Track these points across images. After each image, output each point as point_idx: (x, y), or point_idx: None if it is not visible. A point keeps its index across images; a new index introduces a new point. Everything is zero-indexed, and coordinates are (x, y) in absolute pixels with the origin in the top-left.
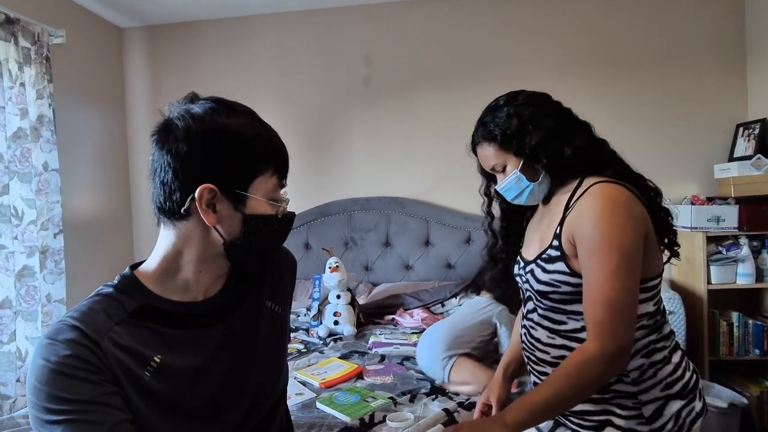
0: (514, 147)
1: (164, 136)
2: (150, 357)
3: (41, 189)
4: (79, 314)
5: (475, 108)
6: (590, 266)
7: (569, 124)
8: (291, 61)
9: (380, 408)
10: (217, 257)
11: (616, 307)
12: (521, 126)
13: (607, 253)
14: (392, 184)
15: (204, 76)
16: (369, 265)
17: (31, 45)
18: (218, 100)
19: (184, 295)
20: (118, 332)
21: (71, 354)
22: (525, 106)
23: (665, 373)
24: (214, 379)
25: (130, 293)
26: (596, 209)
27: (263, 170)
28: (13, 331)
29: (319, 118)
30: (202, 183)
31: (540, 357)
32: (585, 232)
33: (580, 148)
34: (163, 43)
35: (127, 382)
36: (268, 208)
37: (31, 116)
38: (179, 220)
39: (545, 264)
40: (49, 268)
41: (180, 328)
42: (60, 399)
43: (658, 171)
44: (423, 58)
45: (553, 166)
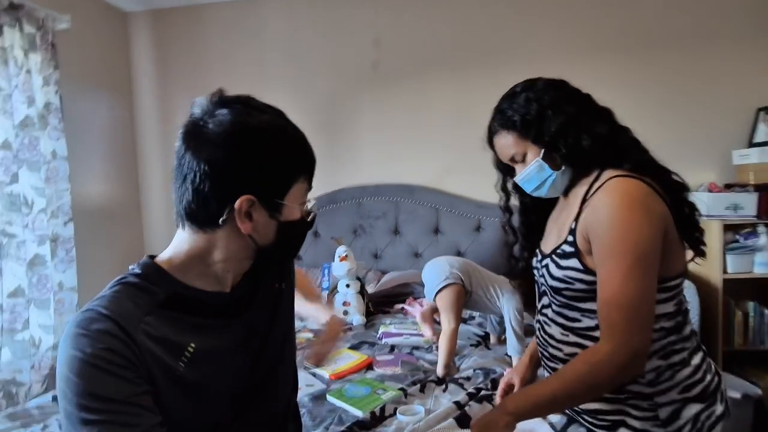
0: (533, 134)
1: (198, 141)
2: (185, 345)
3: (50, 177)
4: (107, 303)
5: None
6: (604, 265)
7: (590, 110)
8: (299, 45)
9: (391, 400)
10: (246, 259)
11: (631, 309)
12: (541, 111)
13: (621, 253)
14: (402, 171)
15: (211, 61)
16: (378, 252)
17: (36, 31)
18: (248, 101)
19: (212, 286)
20: (149, 323)
21: (106, 347)
22: (544, 92)
23: (683, 376)
24: (244, 363)
25: (157, 282)
26: (611, 206)
27: (298, 177)
28: (27, 319)
29: (328, 104)
30: (241, 193)
31: (553, 353)
32: (599, 231)
33: (601, 137)
34: (169, 27)
35: (160, 376)
36: (299, 213)
37: (38, 104)
38: (210, 228)
39: (559, 259)
40: (60, 256)
41: (209, 317)
42: (95, 397)
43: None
44: (433, 41)
45: (573, 156)
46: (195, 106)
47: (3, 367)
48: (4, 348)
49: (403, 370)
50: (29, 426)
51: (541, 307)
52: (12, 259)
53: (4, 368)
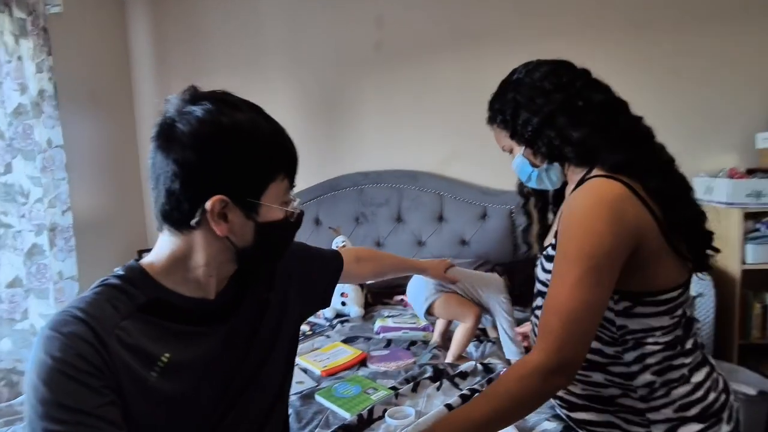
0: (510, 131)
1: (168, 141)
2: (157, 355)
3: (46, 166)
4: (85, 305)
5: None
6: (555, 270)
7: (573, 105)
8: (298, 27)
9: (380, 401)
10: (227, 262)
11: (570, 319)
12: (516, 110)
13: (573, 260)
14: (405, 156)
15: (210, 44)
16: (380, 240)
17: (26, 16)
18: (221, 98)
19: (195, 292)
20: (125, 328)
21: (75, 353)
22: (526, 86)
23: (680, 393)
24: (219, 376)
25: (139, 285)
26: (577, 209)
27: (275, 176)
28: (26, 309)
29: (328, 87)
30: (212, 193)
31: None
32: (561, 234)
33: (574, 140)
34: (167, 10)
35: (130, 386)
36: (280, 213)
37: (31, 91)
38: (187, 229)
39: (545, 261)
40: (59, 245)
41: (188, 323)
42: (59, 406)
43: (691, 140)
44: (439, 20)
45: (550, 155)
46: (168, 103)
47: (3, 357)
48: (4, 338)
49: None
50: (13, 424)
51: (534, 307)
52: (8, 249)
53: (5, 358)
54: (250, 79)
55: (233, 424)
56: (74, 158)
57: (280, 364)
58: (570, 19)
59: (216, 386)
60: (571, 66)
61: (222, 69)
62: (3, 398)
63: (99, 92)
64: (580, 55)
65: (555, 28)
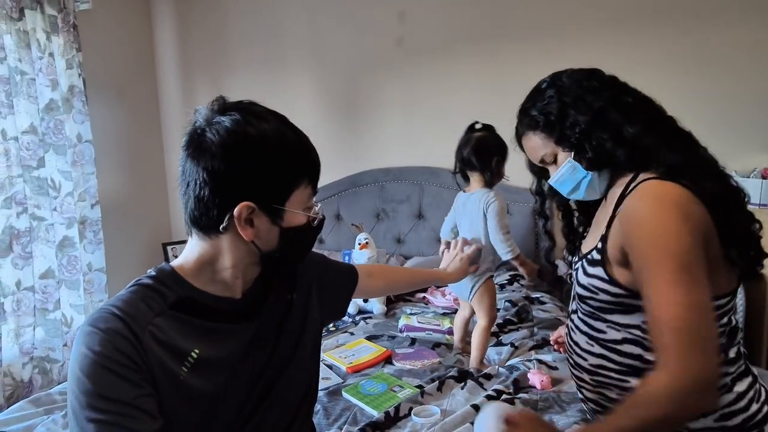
0: (557, 135)
1: (198, 150)
2: (188, 351)
3: (76, 161)
4: (121, 303)
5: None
6: (645, 281)
7: (621, 105)
8: (320, 22)
9: (407, 399)
10: (252, 264)
11: (682, 327)
12: (563, 111)
13: (660, 264)
14: (427, 152)
15: (233, 39)
16: (401, 237)
17: (57, 13)
18: (248, 109)
19: (223, 291)
20: (157, 325)
21: (113, 347)
22: (568, 88)
23: (722, 403)
24: (247, 373)
25: (170, 285)
26: (643, 213)
27: (299, 183)
28: (58, 299)
29: (350, 83)
30: (240, 200)
31: (577, 361)
32: (634, 240)
33: (627, 137)
34: (190, 6)
35: (163, 380)
36: (303, 218)
37: (62, 87)
38: (215, 234)
39: (588, 266)
40: (88, 238)
41: (217, 321)
42: (100, 396)
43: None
44: (462, 14)
45: (600, 158)
46: (197, 113)
47: (37, 345)
48: (37, 327)
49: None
50: (52, 413)
51: (571, 312)
52: (42, 241)
53: (39, 346)
54: (273, 75)
55: (262, 421)
56: (101, 152)
57: (306, 362)
58: (595, 14)
59: (244, 383)
60: (600, 71)
61: (244, 65)
62: (37, 384)
63: (125, 88)
64: (598, 50)
65: (578, 23)
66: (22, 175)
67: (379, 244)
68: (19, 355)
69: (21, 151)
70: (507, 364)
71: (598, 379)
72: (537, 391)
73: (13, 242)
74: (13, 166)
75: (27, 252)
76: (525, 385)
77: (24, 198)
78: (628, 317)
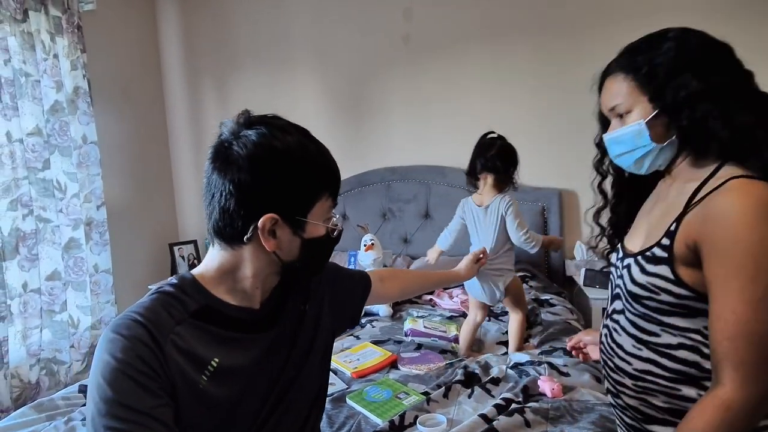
0: (653, 89)
1: (225, 162)
2: (208, 360)
3: (82, 162)
4: (143, 310)
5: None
6: (726, 289)
7: (742, 91)
8: (325, 20)
9: (412, 407)
10: (273, 275)
11: (764, 343)
12: (679, 68)
13: (750, 275)
14: (433, 151)
15: (238, 39)
16: (408, 237)
17: (61, 14)
18: (273, 123)
19: (242, 301)
20: (179, 333)
21: (135, 354)
22: (694, 47)
23: None
24: (263, 382)
25: (191, 293)
26: (737, 215)
27: (321, 195)
28: (64, 301)
29: (356, 81)
30: (265, 211)
31: (618, 365)
32: (719, 245)
33: (738, 125)
34: (196, 6)
35: (183, 388)
36: (323, 230)
37: (66, 88)
38: (237, 245)
39: (646, 264)
40: (94, 239)
41: (236, 330)
42: (120, 404)
43: None
44: (468, 12)
45: (693, 135)
46: (223, 126)
47: (44, 347)
48: (44, 329)
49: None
50: (54, 419)
51: (612, 312)
52: (48, 243)
53: (46, 348)
54: (278, 75)
55: (276, 427)
56: (107, 154)
57: (316, 370)
58: (602, 12)
59: (260, 392)
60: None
61: (250, 65)
62: (44, 386)
63: (130, 89)
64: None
65: (586, 21)
66: (27, 177)
67: (386, 244)
68: (26, 357)
69: (26, 153)
70: (514, 363)
71: (643, 385)
72: (548, 399)
73: (20, 244)
74: (19, 168)
75: (33, 254)
76: (535, 393)
77: (30, 200)
78: (689, 321)
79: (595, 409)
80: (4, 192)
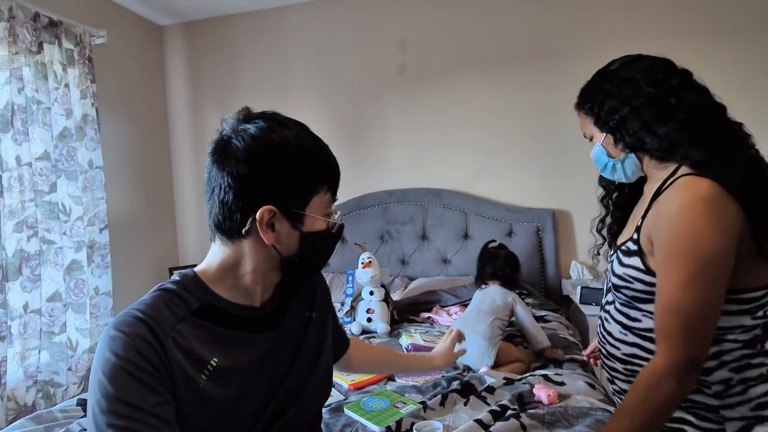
0: (594, 119)
1: (224, 155)
2: (207, 359)
3: (87, 186)
4: (145, 307)
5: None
6: (664, 272)
7: (666, 101)
8: (325, 51)
9: (409, 414)
10: (273, 270)
11: (689, 320)
12: (604, 98)
13: (683, 259)
14: (429, 175)
15: (241, 69)
16: (405, 258)
17: (74, 46)
18: (272, 117)
19: (243, 299)
20: (180, 331)
21: (137, 352)
22: (617, 77)
23: (758, 393)
24: (261, 383)
25: (193, 291)
26: (676, 207)
27: (319, 188)
28: (64, 322)
29: (354, 108)
30: (262, 203)
31: (610, 351)
32: (661, 233)
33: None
34: (201, 39)
35: (183, 387)
36: (323, 224)
37: (75, 116)
38: (237, 239)
39: (623, 256)
40: (96, 261)
41: (236, 329)
42: (121, 401)
43: None
44: (460, 43)
45: (634, 148)
46: (224, 123)
47: (42, 369)
48: (42, 351)
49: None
50: (52, 430)
51: (605, 303)
52: (50, 264)
53: (43, 370)
54: (280, 102)
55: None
56: (111, 178)
57: (322, 379)
58: (593, 38)
59: (261, 394)
60: (670, 64)
61: (251, 92)
62: (40, 409)
63: (137, 116)
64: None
65: (577, 47)
66: (34, 199)
67: (384, 265)
68: (24, 379)
69: (34, 177)
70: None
71: (632, 369)
72: (544, 405)
73: (23, 265)
74: (26, 191)
75: (36, 275)
76: (530, 401)
77: (35, 222)
78: None
79: (591, 413)
80: (11, 214)
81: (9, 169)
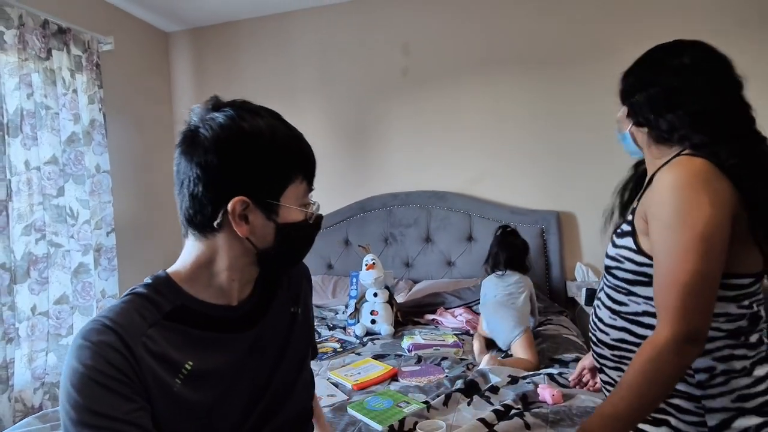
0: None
1: (191, 146)
2: (182, 363)
3: (94, 190)
4: (113, 315)
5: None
6: (660, 246)
7: (672, 91)
8: (329, 55)
9: (412, 414)
10: (249, 265)
11: (689, 291)
12: (635, 88)
13: (677, 231)
14: (433, 177)
15: (246, 74)
16: (409, 261)
17: (82, 53)
18: (242, 105)
19: (218, 298)
20: (151, 336)
21: (105, 361)
22: (650, 58)
23: (740, 385)
24: (244, 385)
25: (165, 293)
26: (669, 182)
27: (294, 178)
28: (71, 325)
29: (358, 112)
30: (234, 195)
31: (600, 338)
32: (656, 209)
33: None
34: (207, 45)
35: (157, 393)
36: (299, 215)
37: (83, 121)
38: (210, 233)
39: (617, 238)
40: (102, 265)
41: (212, 330)
42: (91, 412)
43: None
44: (463, 46)
45: (642, 124)
46: (192, 113)
47: (49, 371)
48: (50, 353)
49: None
50: (58, 428)
51: (599, 290)
52: (58, 267)
53: (50, 372)
54: (284, 106)
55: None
56: (118, 182)
57: (309, 377)
58: (593, 41)
59: (244, 396)
60: (707, 49)
61: (256, 97)
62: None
63: (143, 120)
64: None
65: (576, 50)
66: (42, 203)
67: (388, 267)
68: (31, 381)
69: (42, 181)
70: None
71: (620, 354)
72: (548, 405)
73: (31, 268)
74: (35, 195)
75: (43, 277)
76: (534, 401)
77: (43, 225)
78: (649, 289)
79: None
80: (20, 217)
81: (18, 173)
